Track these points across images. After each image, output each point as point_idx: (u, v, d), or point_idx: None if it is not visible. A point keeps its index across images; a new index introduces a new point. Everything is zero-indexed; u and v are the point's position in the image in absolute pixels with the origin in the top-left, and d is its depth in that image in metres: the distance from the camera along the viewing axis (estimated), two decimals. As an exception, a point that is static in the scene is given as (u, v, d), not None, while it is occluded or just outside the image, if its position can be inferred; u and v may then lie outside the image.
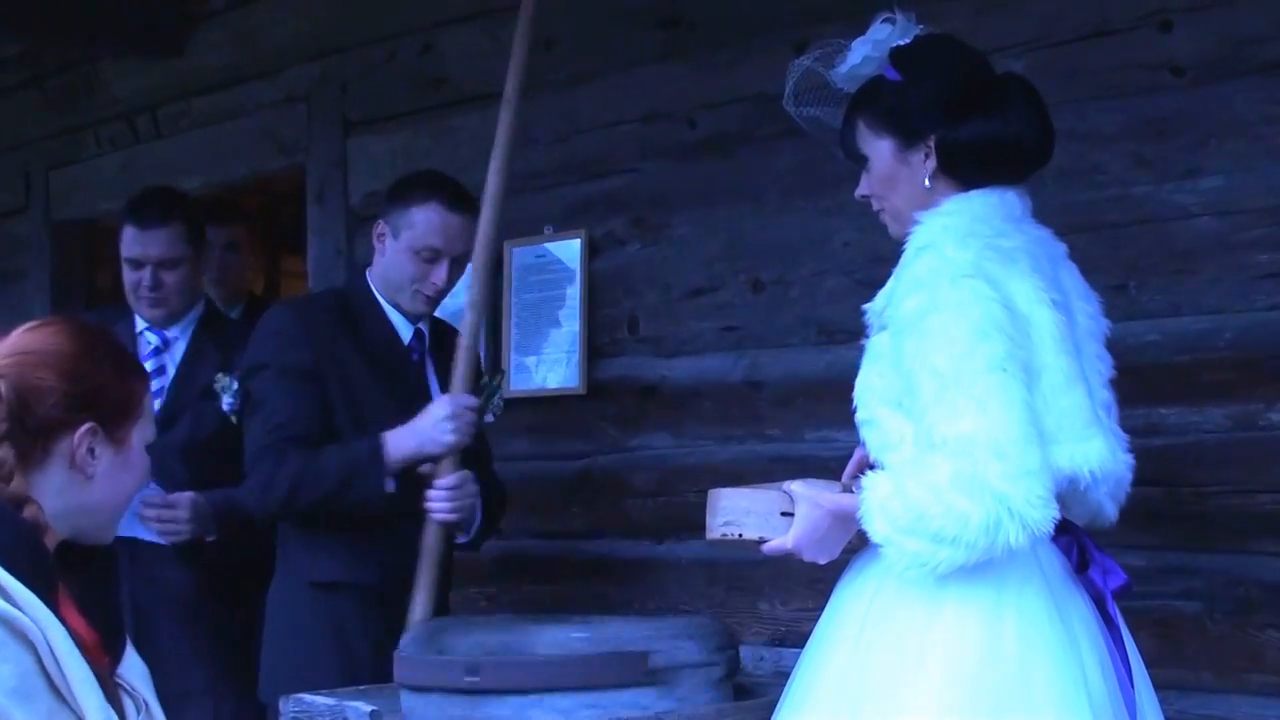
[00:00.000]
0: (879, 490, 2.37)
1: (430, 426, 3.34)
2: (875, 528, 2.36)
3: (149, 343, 4.05)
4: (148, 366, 3.99)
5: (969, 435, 2.29)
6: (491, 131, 3.54)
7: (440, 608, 3.47)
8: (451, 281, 3.51)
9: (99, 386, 2.19)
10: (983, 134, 2.55)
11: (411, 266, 3.46)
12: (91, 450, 2.18)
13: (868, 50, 2.64)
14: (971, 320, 2.35)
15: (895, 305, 2.46)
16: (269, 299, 7.10)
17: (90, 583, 2.23)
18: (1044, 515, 2.30)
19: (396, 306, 3.53)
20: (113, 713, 2.04)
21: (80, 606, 2.11)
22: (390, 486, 3.35)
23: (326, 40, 4.81)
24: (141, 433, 2.26)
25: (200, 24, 5.23)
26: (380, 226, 3.52)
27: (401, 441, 3.34)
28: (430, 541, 3.37)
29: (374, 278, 3.55)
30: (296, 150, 4.90)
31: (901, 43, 2.62)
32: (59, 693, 1.99)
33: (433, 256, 3.45)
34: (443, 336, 3.62)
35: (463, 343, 3.42)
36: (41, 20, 5.07)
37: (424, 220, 3.45)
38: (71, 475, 2.18)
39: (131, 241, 4.00)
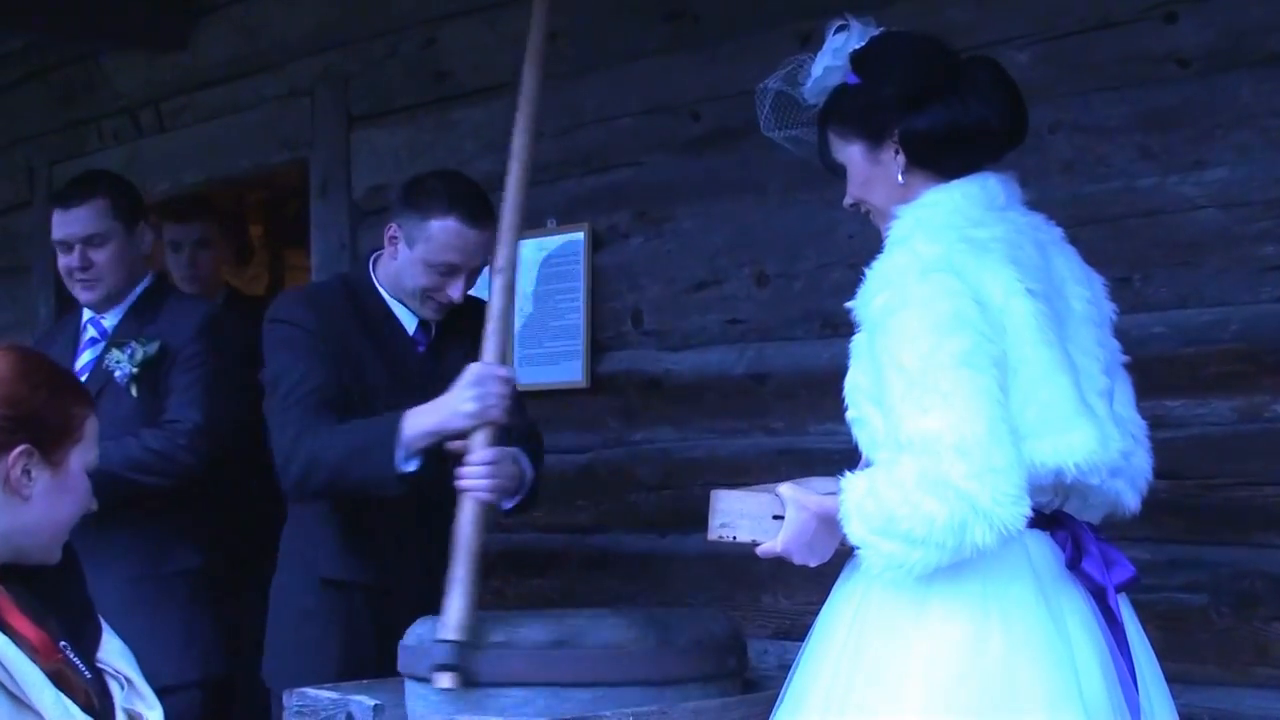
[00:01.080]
0: (855, 491, 2.34)
1: (451, 397, 3.09)
2: (852, 530, 2.33)
3: (88, 334, 3.97)
4: (86, 357, 3.94)
5: (934, 433, 2.26)
6: (495, 124, 3.53)
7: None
8: (466, 290, 3.40)
9: (34, 410, 2.28)
10: (943, 120, 2.50)
11: (425, 278, 3.34)
12: (28, 472, 2.27)
13: (828, 60, 2.61)
14: (938, 315, 2.32)
15: (866, 303, 2.43)
16: (273, 295, 7.12)
17: (54, 582, 2.33)
18: (1013, 513, 2.25)
19: (402, 304, 3.43)
20: (68, 704, 2.14)
21: (45, 605, 2.23)
22: (407, 466, 3.11)
23: (329, 34, 4.81)
24: (81, 456, 2.35)
25: (203, 18, 5.23)
26: (393, 229, 3.38)
27: (420, 418, 3.11)
28: (464, 526, 2.98)
29: (382, 276, 3.44)
30: (300, 144, 4.91)
31: (858, 46, 2.60)
32: (15, 696, 2.10)
33: (449, 271, 3.32)
34: (463, 321, 3.45)
35: (494, 312, 3.13)
36: (45, 15, 5.08)
37: (442, 236, 3.29)
38: (7, 496, 2.26)
39: (58, 224, 3.95)
